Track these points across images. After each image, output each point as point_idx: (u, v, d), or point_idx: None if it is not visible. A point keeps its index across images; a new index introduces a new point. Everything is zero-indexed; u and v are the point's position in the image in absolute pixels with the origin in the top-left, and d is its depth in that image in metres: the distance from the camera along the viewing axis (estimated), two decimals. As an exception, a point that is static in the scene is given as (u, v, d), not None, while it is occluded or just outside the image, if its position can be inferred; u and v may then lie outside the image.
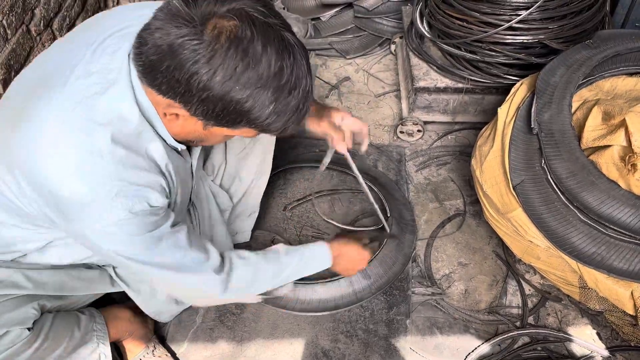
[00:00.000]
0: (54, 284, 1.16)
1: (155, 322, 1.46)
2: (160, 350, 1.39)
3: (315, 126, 1.33)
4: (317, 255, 1.32)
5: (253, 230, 1.66)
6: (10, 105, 0.95)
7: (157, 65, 0.80)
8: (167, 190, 0.99)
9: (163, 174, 0.98)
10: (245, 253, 1.21)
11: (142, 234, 0.94)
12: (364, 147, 1.38)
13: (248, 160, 1.50)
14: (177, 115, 0.88)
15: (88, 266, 1.25)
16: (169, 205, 1.00)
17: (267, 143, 1.51)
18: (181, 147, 1.02)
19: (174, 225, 1.01)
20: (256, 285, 1.22)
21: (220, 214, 1.49)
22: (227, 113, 0.83)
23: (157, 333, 1.46)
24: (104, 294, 1.32)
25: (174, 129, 0.94)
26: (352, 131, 1.34)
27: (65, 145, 0.85)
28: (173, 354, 1.42)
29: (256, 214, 1.63)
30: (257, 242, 1.68)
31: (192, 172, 1.19)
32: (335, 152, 1.37)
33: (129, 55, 0.87)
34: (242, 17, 0.78)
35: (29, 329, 1.06)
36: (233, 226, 1.60)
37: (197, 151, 1.18)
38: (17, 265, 1.12)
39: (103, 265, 1.28)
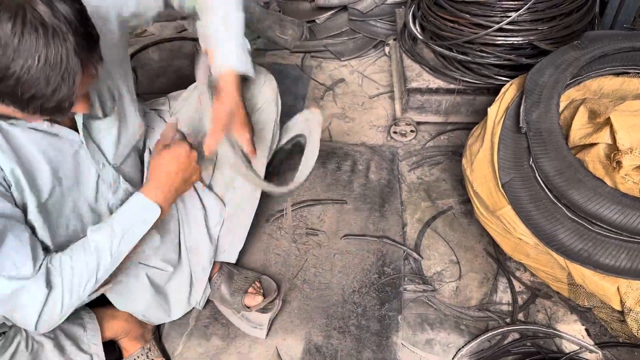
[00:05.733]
0: None
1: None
2: (155, 353, 1.40)
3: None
4: (132, 211, 1.09)
5: (241, 253, 1.56)
6: None
7: None
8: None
9: None
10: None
11: None
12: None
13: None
14: None
15: None
16: None
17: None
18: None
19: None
20: (77, 279, 1.01)
21: (207, 232, 1.41)
22: None
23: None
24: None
25: None
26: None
27: None
28: (168, 358, 1.44)
29: (244, 236, 1.53)
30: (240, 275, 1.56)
31: (89, 154, 1.10)
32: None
33: None
34: None
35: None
36: (220, 242, 1.49)
37: (97, 126, 1.10)
38: None
39: None
